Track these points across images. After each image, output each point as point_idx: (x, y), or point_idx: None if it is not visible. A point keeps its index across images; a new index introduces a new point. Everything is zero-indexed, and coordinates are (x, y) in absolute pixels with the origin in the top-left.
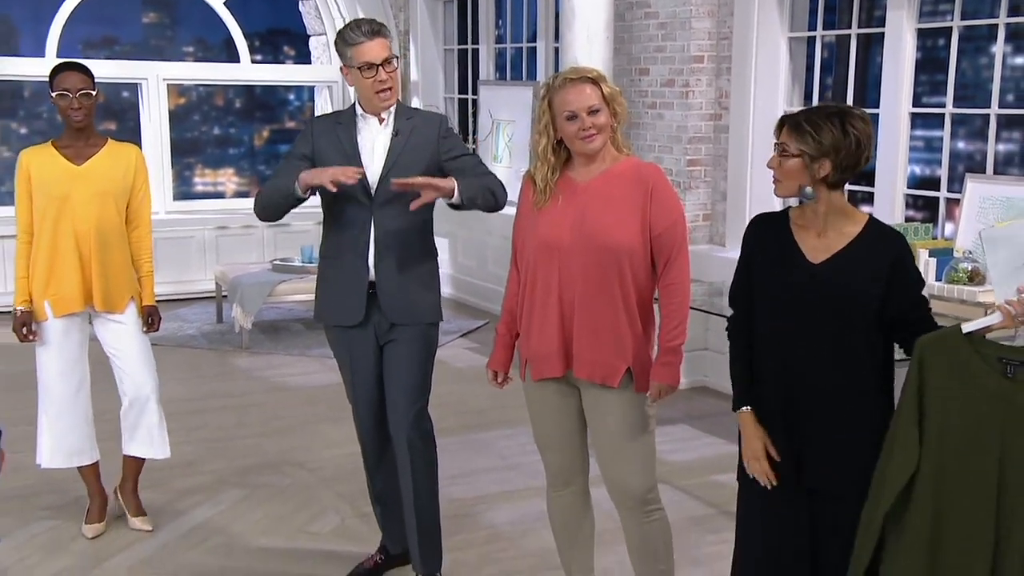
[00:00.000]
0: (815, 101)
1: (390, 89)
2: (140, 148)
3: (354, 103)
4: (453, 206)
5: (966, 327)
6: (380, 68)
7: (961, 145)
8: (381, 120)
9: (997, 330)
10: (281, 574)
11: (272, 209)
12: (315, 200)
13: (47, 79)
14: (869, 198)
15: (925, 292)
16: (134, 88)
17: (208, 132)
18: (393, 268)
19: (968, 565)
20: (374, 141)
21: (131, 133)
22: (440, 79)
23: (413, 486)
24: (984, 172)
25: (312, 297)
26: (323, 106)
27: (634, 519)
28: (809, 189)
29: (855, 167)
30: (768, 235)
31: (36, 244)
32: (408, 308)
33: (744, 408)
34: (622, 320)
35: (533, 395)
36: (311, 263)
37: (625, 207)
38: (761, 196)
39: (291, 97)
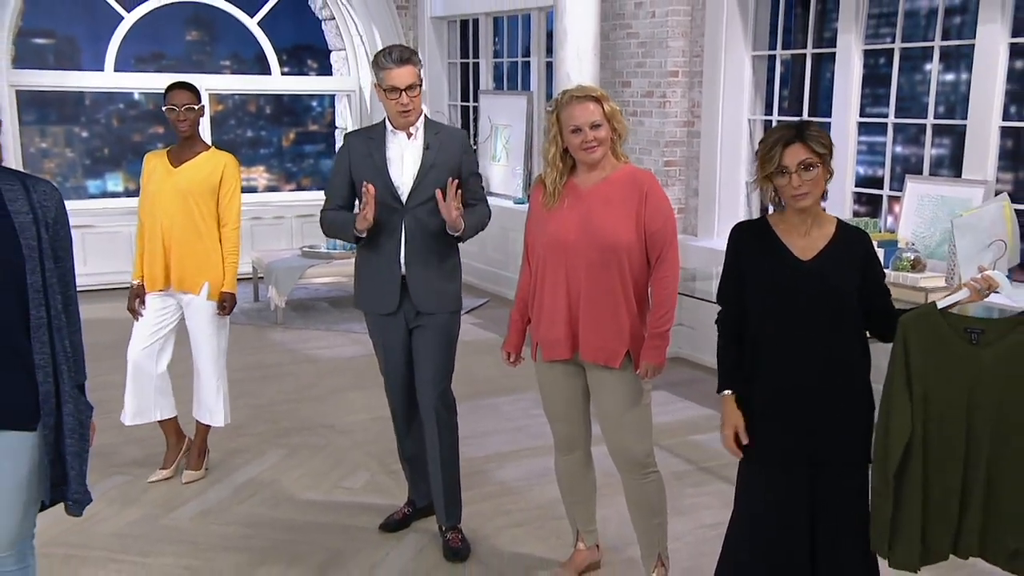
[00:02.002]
0: (775, 110)
1: (409, 111)
2: (234, 157)
3: (384, 119)
4: (458, 238)
5: (940, 303)
6: (404, 92)
7: (899, 150)
8: (409, 135)
9: (963, 303)
10: (322, 524)
11: (337, 237)
12: None
13: (106, 91)
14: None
15: None
16: None
17: (243, 134)
18: (421, 264)
19: (945, 500)
20: (403, 153)
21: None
22: (445, 89)
23: (439, 450)
24: (921, 173)
25: (336, 280)
26: (342, 112)
27: (633, 479)
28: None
29: None
30: (755, 239)
31: (140, 231)
32: (434, 298)
33: (727, 391)
34: (621, 308)
35: (543, 374)
36: (335, 250)
37: (623, 209)
38: (728, 192)
39: (314, 104)
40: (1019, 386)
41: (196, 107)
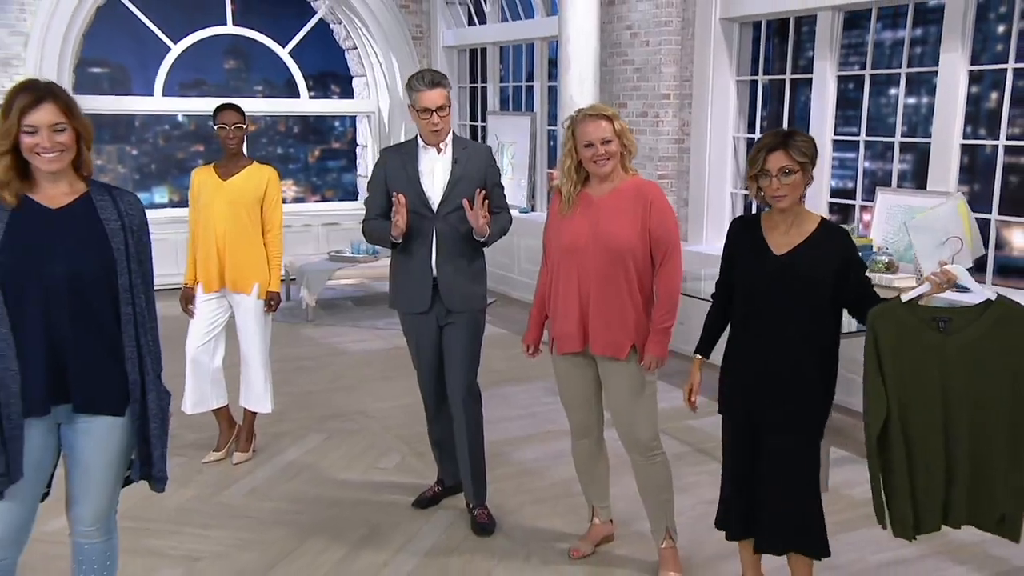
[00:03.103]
0: (757, 129)
1: (439, 130)
2: (276, 170)
3: (416, 135)
4: (483, 242)
5: (905, 296)
6: (435, 113)
7: (868, 164)
8: (439, 150)
9: (928, 296)
10: (360, 501)
11: (377, 244)
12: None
13: (155, 112)
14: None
15: None
16: None
17: (273, 151)
18: (451, 267)
19: (932, 475)
20: (434, 167)
21: (216, 153)
22: (455, 110)
23: (467, 435)
24: (889, 186)
25: (360, 281)
26: (362, 131)
27: (642, 461)
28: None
29: None
30: (745, 234)
31: (194, 240)
32: (462, 298)
33: (698, 356)
34: (628, 306)
35: (559, 366)
36: (359, 254)
37: (629, 217)
38: (715, 202)
39: (337, 124)
40: (987, 366)
41: (243, 126)
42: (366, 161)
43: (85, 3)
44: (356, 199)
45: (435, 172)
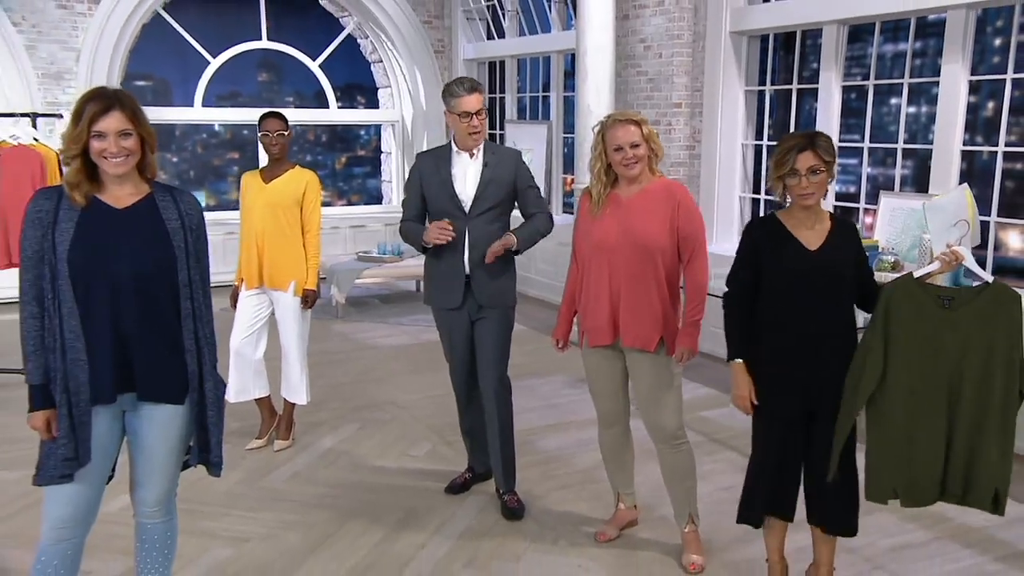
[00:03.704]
0: (765, 138)
1: (479, 132)
2: (316, 174)
3: (450, 141)
4: (515, 252)
5: (916, 274)
6: (474, 116)
7: (870, 170)
8: (472, 155)
9: (937, 274)
10: (395, 486)
11: (411, 244)
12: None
13: (200, 122)
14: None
15: None
16: (252, 128)
17: (303, 158)
18: (482, 264)
19: (933, 445)
20: (466, 170)
21: (250, 160)
22: None
23: (498, 424)
24: (892, 189)
25: (386, 280)
26: (387, 139)
27: (667, 450)
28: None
29: None
30: (771, 234)
31: (241, 239)
32: (493, 294)
33: (738, 360)
34: (656, 301)
35: (589, 358)
36: (385, 255)
37: (658, 216)
38: (725, 205)
39: (362, 133)
40: (986, 342)
41: (285, 133)
42: (390, 167)
43: (132, 21)
44: (380, 203)
45: (467, 175)
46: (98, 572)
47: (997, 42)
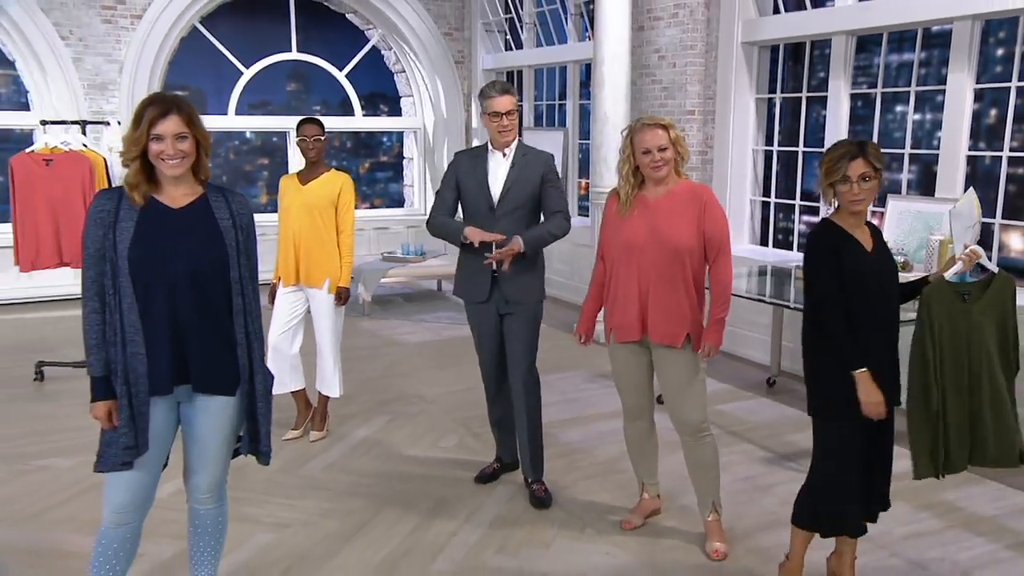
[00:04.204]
0: (775, 144)
1: (508, 131)
2: (351, 177)
3: (487, 141)
4: (522, 255)
5: (947, 276)
6: (504, 116)
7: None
8: (504, 155)
9: (959, 273)
10: (426, 475)
11: (442, 239)
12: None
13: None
14: (815, 211)
15: None
16: (282, 135)
17: (328, 164)
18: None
19: (960, 420)
20: (497, 170)
21: (279, 166)
22: None
23: (526, 414)
24: (900, 193)
25: (409, 280)
26: (409, 146)
27: (692, 442)
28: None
29: None
30: (843, 238)
31: (279, 238)
32: (521, 290)
33: (862, 369)
34: (683, 299)
35: (616, 353)
36: (409, 255)
37: (685, 218)
38: (737, 209)
39: (384, 139)
40: (995, 327)
41: (322, 138)
42: (412, 172)
43: (171, 34)
44: (402, 206)
45: (497, 175)
46: (151, 554)
47: (1000, 52)
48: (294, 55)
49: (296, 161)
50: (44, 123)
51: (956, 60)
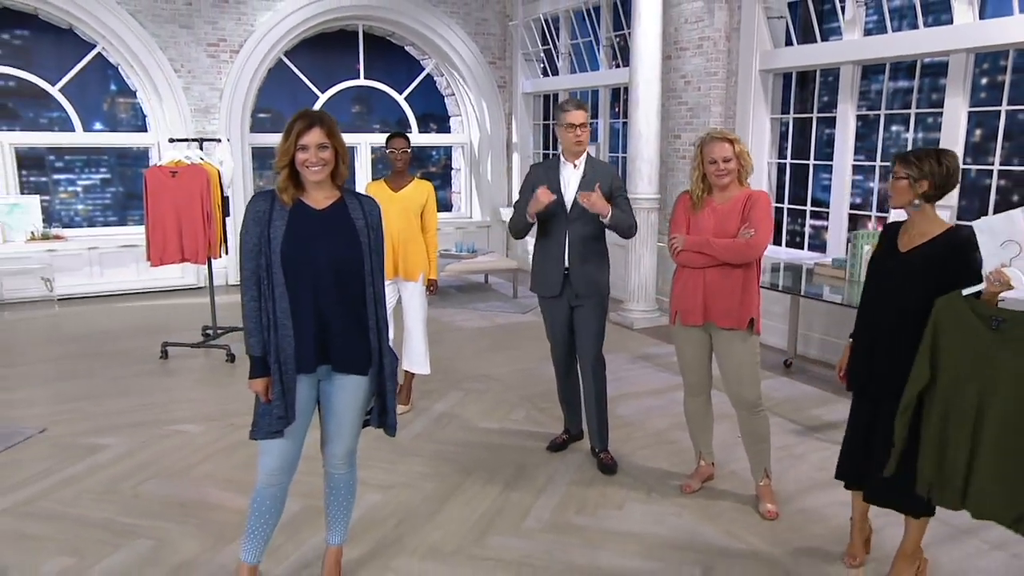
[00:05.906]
0: (788, 159)
1: (581, 142)
2: (432, 183)
3: (559, 153)
4: (606, 224)
5: (964, 292)
6: (577, 128)
7: (882, 185)
8: (575, 165)
9: (987, 293)
10: (503, 445)
11: (518, 231)
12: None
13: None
14: (825, 216)
15: None
16: (351, 150)
17: (385, 174)
18: (579, 260)
19: (957, 452)
20: (569, 178)
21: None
22: (531, 141)
23: (595, 393)
24: None
25: (462, 274)
26: (457, 158)
27: (748, 416)
28: (917, 201)
29: (948, 187)
30: (891, 236)
31: None
32: (590, 285)
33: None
34: (740, 289)
35: (680, 335)
36: (462, 252)
37: (740, 216)
38: None
39: (433, 153)
40: (1011, 366)
41: (408, 150)
42: (459, 181)
43: (262, 66)
44: (449, 211)
45: (570, 183)
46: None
47: (984, 81)
48: (361, 81)
49: (364, 171)
50: (172, 140)
51: (952, 85)
